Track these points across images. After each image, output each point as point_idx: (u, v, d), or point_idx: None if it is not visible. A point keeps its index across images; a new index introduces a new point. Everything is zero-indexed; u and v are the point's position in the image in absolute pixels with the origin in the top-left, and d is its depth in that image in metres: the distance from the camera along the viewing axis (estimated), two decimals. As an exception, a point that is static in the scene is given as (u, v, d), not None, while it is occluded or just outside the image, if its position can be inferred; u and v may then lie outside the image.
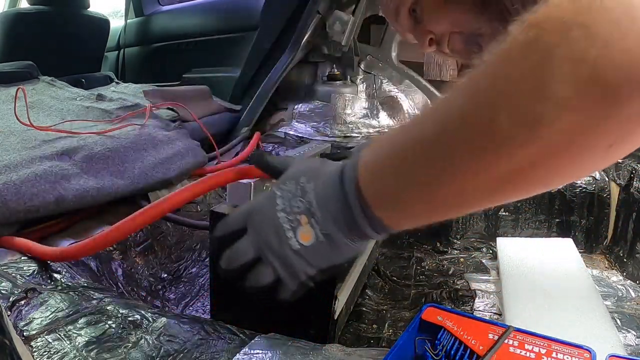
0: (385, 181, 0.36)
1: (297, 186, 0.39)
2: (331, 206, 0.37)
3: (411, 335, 0.38)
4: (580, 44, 0.26)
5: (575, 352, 0.33)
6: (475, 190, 0.33)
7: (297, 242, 0.39)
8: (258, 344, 0.40)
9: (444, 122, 0.32)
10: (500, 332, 0.35)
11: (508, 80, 0.29)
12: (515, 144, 0.29)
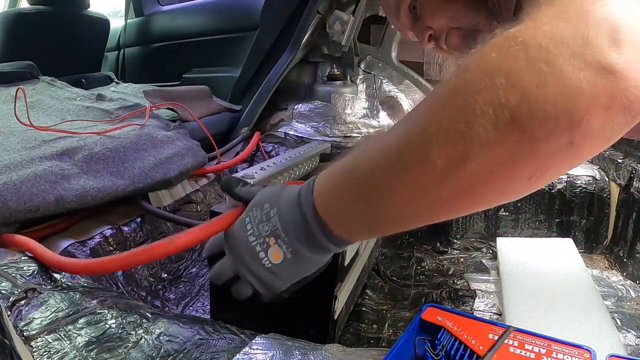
0: (337, 203, 0.40)
1: (262, 212, 0.43)
2: (293, 227, 0.42)
3: (411, 335, 0.38)
4: (503, 91, 0.29)
5: (575, 352, 0.33)
6: (415, 212, 0.37)
7: (269, 261, 0.43)
8: (258, 344, 0.40)
9: (385, 155, 0.36)
10: (500, 332, 0.35)
11: (439, 122, 0.32)
12: (446, 177, 0.33)
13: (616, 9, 0.30)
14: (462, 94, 0.31)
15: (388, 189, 0.36)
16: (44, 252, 0.55)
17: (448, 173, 0.33)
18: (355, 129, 1.53)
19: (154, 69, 2.16)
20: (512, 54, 0.30)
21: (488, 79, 0.30)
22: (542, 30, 0.30)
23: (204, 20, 1.98)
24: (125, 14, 2.22)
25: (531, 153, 0.31)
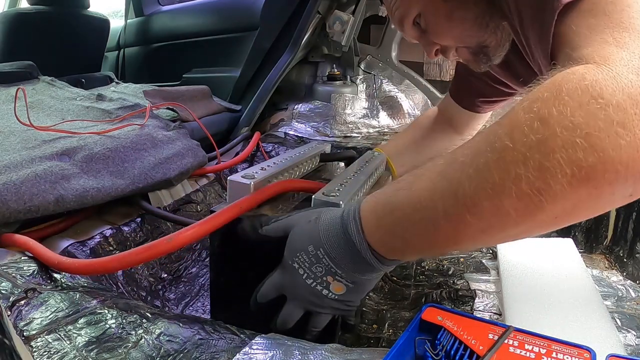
0: (391, 233, 0.41)
1: (308, 256, 0.45)
2: (347, 262, 0.43)
3: (411, 335, 0.38)
4: (582, 152, 0.32)
5: (575, 352, 0.33)
6: (475, 243, 0.40)
7: (333, 294, 0.46)
8: (258, 344, 0.40)
9: (453, 192, 0.37)
10: (500, 332, 0.35)
11: (516, 176, 0.34)
12: (513, 225, 0.36)
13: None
14: (542, 152, 0.33)
15: (454, 226, 0.37)
16: (45, 252, 0.55)
17: (517, 222, 0.35)
18: (355, 129, 1.53)
19: (154, 69, 2.17)
20: (592, 113, 0.32)
21: (569, 138, 0.32)
22: (621, 86, 0.32)
23: (204, 20, 1.98)
24: (125, 14, 2.22)
25: (595, 203, 0.34)
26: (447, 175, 0.38)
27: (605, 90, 0.32)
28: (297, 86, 1.66)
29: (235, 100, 1.57)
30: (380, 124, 1.57)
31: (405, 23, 0.66)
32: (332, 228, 0.44)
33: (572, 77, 0.34)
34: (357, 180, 0.63)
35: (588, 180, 0.32)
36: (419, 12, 0.63)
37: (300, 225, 0.47)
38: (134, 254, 0.48)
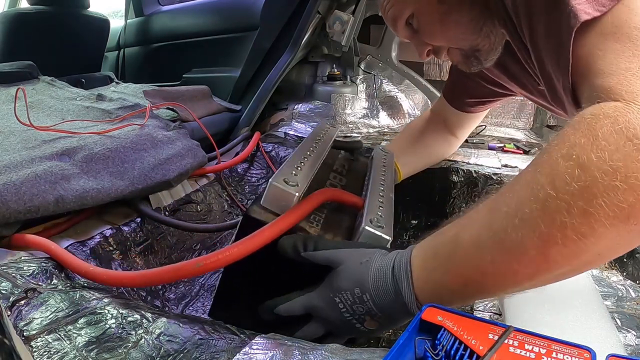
0: (444, 289, 0.42)
1: (353, 296, 0.46)
2: (392, 311, 0.45)
3: (411, 335, 0.38)
4: (622, 194, 0.33)
5: (575, 352, 0.33)
6: (510, 290, 0.41)
7: (365, 328, 0.47)
8: (258, 344, 0.40)
9: (496, 247, 0.38)
10: (500, 332, 0.35)
11: (561, 224, 0.35)
12: (557, 268, 0.37)
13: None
14: (585, 199, 0.34)
15: (502, 275, 0.39)
16: (72, 260, 0.55)
17: (562, 265, 0.37)
18: (355, 129, 1.53)
19: (154, 69, 2.16)
20: (629, 155, 0.34)
21: (609, 182, 0.33)
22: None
23: (204, 20, 1.97)
24: (125, 14, 2.22)
25: (635, 238, 0.36)
26: (493, 226, 0.39)
27: (637, 129, 0.34)
28: (297, 86, 1.66)
29: (235, 100, 1.57)
30: (380, 124, 1.57)
31: (398, 23, 0.66)
32: (382, 277, 0.45)
33: (605, 121, 0.35)
34: (388, 199, 0.63)
35: (628, 218, 0.34)
36: (412, 13, 0.64)
37: (350, 265, 0.47)
38: (164, 273, 0.48)
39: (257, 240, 0.48)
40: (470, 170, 1.09)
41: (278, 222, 0.50)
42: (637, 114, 0.35)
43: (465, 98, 0.91)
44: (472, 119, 0.98)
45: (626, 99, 0.36)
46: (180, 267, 0.47)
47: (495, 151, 1.27)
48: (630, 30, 0.41)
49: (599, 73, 0.41)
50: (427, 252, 0.44)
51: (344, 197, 0.60)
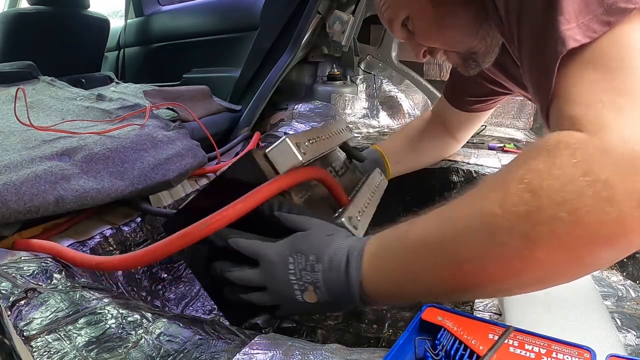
0: (388, 281, 0.43)
1: (306, 262, 0.46)
2: (335, 286, 0.45)
3: (411, 335, 0.38)
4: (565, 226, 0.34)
5: (575, 352, 0.33)
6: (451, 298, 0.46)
7: (302, 299, 0.47)
8: (258, 344, 0.40)
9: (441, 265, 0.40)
10: (500, 332, 0.35)
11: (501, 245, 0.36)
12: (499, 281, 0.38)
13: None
14: (528, 223, 0.35)
15: (442, 280, 0.40)
16: (79, 255, 0.55)
17: (500, 281, 0.38)
18: (355, 129, 1.53)
19: (154, 69, 2.16)
20: (580, 189, 0.33)
21: (556, 212, 0.34)
22: (612, 160, 0.34)
23: (204, 20, 1.98)
24: (125, 14, 2.22)
25: (577, 269, 0.37)
26: (439, 229, 0.41)
27: (596, 166, 0.34)
28: (297, 86, 1.66)
29: (235, 100, 1.57)
30: (380, 124, 1.57)
31: (394, 25, 0.66)
32: (338, 254, 0.46)
33: (564, 151, 0.36)
34: (370, 211, 0.65)
35: (570, 250, 0.34)
36: (408, 15, 0.63)
37: (315, 232, 0.48)
38: (169, 244, 0.46)
39: (260, 195, 0.49)
40: (470, 170, 1.09)
41: (280, 179, 0.51)
42: (596, 149, 0.35)
43: (465, 97, 0.91)
44: (472, 120, 0.97)
45: (590, 131, 0.36)
46: (188, 232, 0.46)
47: (495, 151, 1.27)
48: (611, 61, 0.40)
49: (569, 100, 0.40)
50: (380, 243, 0.45)
51: (335, 188, 0.61)
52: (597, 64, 0.40)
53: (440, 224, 0.41)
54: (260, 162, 0.53)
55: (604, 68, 0.40)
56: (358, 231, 0.55)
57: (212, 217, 0.46)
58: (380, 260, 0.44)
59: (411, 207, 1.20)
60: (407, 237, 0.43)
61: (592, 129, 0.36)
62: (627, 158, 0.34)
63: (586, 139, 0.36)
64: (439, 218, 0.42)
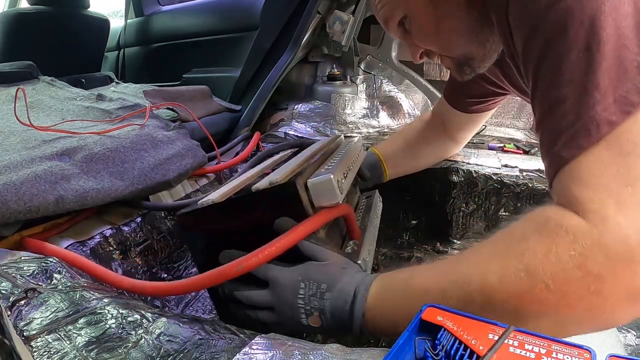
0: (386, 319, 0.46)
1: (318, 289, 0.49)
2: (339, 317, 0.48)
3: (411, 335, 0.38)
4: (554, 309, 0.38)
5: (575, 352, 0.33)
6: None
7: (307, 322, 0.50)
8: (258, 344, 0.40)
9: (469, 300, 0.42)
10: (500, 332, 0.35)
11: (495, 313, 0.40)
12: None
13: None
14: (521, 301, 0.38)
15: None
16: (113, 276, 0.56)
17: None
18: (355, 129, 1.53)
19: (154, 69, 2.17)
20: (572, 279, 0.37)
21: (547, 296, 0.37)
22: (607, 255, 0.36)
23: (204, 20, 1.98)
24: (125, 14, 2.22)
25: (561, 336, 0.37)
26: (440, 283, 0.44)
27: (591, 261, 0.36)
28: (297, 86, 1.66)
29: (235, 100, 1.57)
30: (380, 124, 1.57)
31: (390, 23, 0.64)
32: (348, 287, 0.49)
33: (564, 238, 0.38)
34: (373, 248, 0.70)
35: (556, 325, 0.38)
36: (405, 14, 0.61)
37: (331, 264, 0.51)
38: (203, 279, 0.50)
39: (296, 235, 0.51)
40: (470, 170, 1.09)
41: (316, 220, 0.54)
42: (594, 244, 0.37)
43: (465, 98, 0.91)
44: (472, 121, 0.97)
45: (591, 220, 0.38)
46: (222, 272, 0.49)
47: (495, 151, 1.27)
48: (628, 145, 0.39)
49: (577, 178, 0.41)
50: (384, 284, 0.48)
51: (353, 223, 0.64)
52: (611, 143, 0.40)
53: (441, 279, 0.44)
54: (300, 190, 0.55)
55: (617, 148, 0.39)
56: (367, 269, 0.60)
57: (246, 259, 0.49)
58: (383, 300, 0.47)
59: (411, 207, 1.20)
60: (409, 284, 0.46)
61: (594, 219, 0.38)
62: (621, 254, 0.36)
63: (586, 229, 0.38)
64: (441, 272, 0.45)
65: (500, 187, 1.10)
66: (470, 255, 0.45)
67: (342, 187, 0.58)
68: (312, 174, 0.59)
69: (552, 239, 0.39)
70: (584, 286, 0.36)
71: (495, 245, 0.44)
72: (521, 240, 0.41)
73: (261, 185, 0.56)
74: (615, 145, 0.39)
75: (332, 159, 0.69)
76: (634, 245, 0.36)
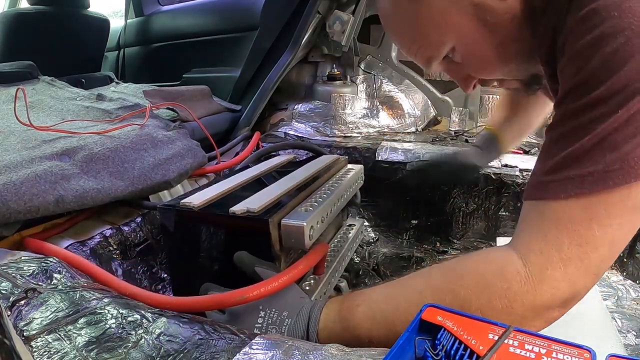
0: (337, 341, 0.48)
1: (278, 316, 0.52)
2: (295, 335, 0.50)
3: (411, 335, 0.38)
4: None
5: (575, 352, 0.33)
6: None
7: None
8: (258, 344, 0.40)
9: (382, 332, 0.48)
10: (500, 332, 0.35)
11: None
12: None
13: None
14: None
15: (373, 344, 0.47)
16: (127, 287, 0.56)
17: None
18: (355, 129, 1.53)
19: (154, 69, 2.17)
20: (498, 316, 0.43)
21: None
22: (536, 306, 0.43)
23: (204, 20, 1.98)
24: (125, 14, 2.22)
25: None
26: (382, 313, 0.48)
27: (518, 306, 0.43)
28: (297, 86, 1.66)
29: (235, 100, 1.57)
30: (380, 124, 1.57)
31: (434, 62, 0.54)
32: (305, 311, 0.52)
33: (501, 284, 0.43)
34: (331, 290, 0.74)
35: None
36: (453, 46, 0.52)
37: (292, 294, 0.54)
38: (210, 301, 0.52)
39: (291, 277, 0.55)
40: (470, 170, 1.09)
41: (305, 265, 0.58)
42: (524, 293, 0.42)
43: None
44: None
45: (530, 271, 0.43)
46: (225, 299, 0.51)
47: (495, 151, 1.27)
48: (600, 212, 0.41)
49: (543, 219, 0.44)
50: (334, 307, 0.52)
51: (322, 261, 0.67)
52: (591, 205, 0.42)
53: (384, 307, 0.48)
54: (272, 228, 0.59)
55: (591, 213, 0.42)
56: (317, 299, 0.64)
57: (249, 290, 0.51)
58: (332, 323, 0.51)
59: (411, 207, 1.20)
60: (355, 312, 0.50)
61: (533, 271, 0.43)
62: (543, 304, 0.43)
63: (522, 281, 0.43)
64: (385, 298, 0.49)
65: (500, 187, 1.10)
66: (412, 283, 0.50)
67: (313, 233, 0.61)
68: (291, 211, 0.63)
69: (489, 281, 0.44)
70: (508, 321, 0.40)
71: (438, 276, 0.48)
72: (462, 276, 0.46)
73: (238, 211, 0.60)
74: (592, 208, 0.41)
75: (320, 194, 0.71)
76: (557, 298, 0.43)
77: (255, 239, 0.59)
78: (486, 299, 0.43)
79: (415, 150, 1.22)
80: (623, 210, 0.41)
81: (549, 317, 0.45)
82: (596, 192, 0.41)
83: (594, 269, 0.43)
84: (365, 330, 0.48)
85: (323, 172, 0.83)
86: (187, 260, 0.67)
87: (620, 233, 0.42)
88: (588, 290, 0.44)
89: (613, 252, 0.43)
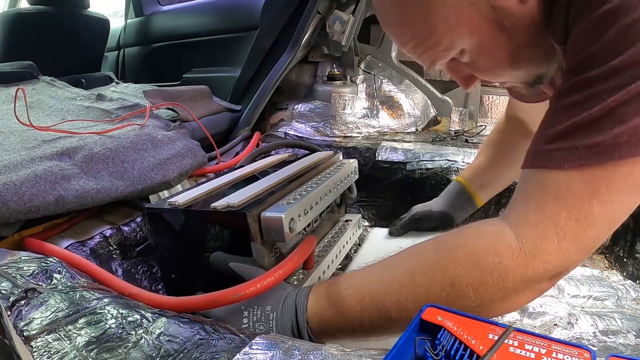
0: (329, 327, 0.50)
1: (262, 313, 0.51)
2: (285, 329, 0.50)
3: (411, 335, 0.38)
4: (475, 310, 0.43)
5: (575, 352, 0.33)
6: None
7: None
8: (258, 344, 0.40)
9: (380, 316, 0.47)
10: (500, 332, 0.35)
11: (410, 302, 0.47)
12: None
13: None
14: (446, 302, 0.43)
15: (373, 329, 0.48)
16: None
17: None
18: (355, 128, 1.53)
19: (154, 69, 2.16)
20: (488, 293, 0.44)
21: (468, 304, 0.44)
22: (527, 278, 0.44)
23: (204, 20, 1.98)
24: (125, 14, 2.22)
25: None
26: (373, 296, 0.47)
27: (509, 280, 0.43)
28: (297, 86, 1.66)
29: (235, 100, 1.57)
30: (380, 124, 1.57)
31: (438, 63, 0.53)
32: (290, 302, 0.51)
33: (493, 259, 0.43)
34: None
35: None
36: (464, 49, 0.50)
37: (273, 288, 0.53)
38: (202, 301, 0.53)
39: (286, 270, 0.55)
40: (470, 170, 1.09)
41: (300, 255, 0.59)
42: (516, 267, 0.42)
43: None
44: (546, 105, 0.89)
45: (524, 245, 0.43)
46: (219, 298, 0.51)
47: (495, 151, 1.26)
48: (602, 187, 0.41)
49: (544, 190, 0.43)
50: (321, 293, 0.51)
51: (311, 256, 0.66)
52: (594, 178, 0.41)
53: (375, 288, 0.48)
54: (250, 221, 0.58)
55: (594, 187, 0.41)
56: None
57: (243, 287, 0.51)
58: (323, 309, 0.50)
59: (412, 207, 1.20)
60: (343, 294, 0.49)
61: (526, 245, 0.43)
62: (535, 278, 0.43)
63: (515, 254, 0.43)
64: (375, 279, 0.49)
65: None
66: (402, 262, 0.49)
67: (294, 225, 0.60)
68: (273, 204, 0.62)
69: (484, 255, 0.44)
70: (499, 297, 0.43)
71: (430, 252, 0.48)
72: (453, 252, 0.46)
73: (219, 206, 0.60)
74: (594, 182, 0.41)
75: (306, 186, 0.71)
76: (548, 272, 0.43)
77: (236, 232, 0.60)
78: (477, 274, 0.44)
79: (415, 150, 1.22)
80: (625, 187, 0.40)
81: (539, 288, 0.45)
82: (601, 164, 0.40)
83: (587, 245, 0.43)
84: (357, 314, 0.48)
85: (312, 167, 0.82)
86: (176, 259, 0.67)
87: (620, 211, 0.42)
88: (578, 265, 0.45)
89: (609, 229, 0.43)
